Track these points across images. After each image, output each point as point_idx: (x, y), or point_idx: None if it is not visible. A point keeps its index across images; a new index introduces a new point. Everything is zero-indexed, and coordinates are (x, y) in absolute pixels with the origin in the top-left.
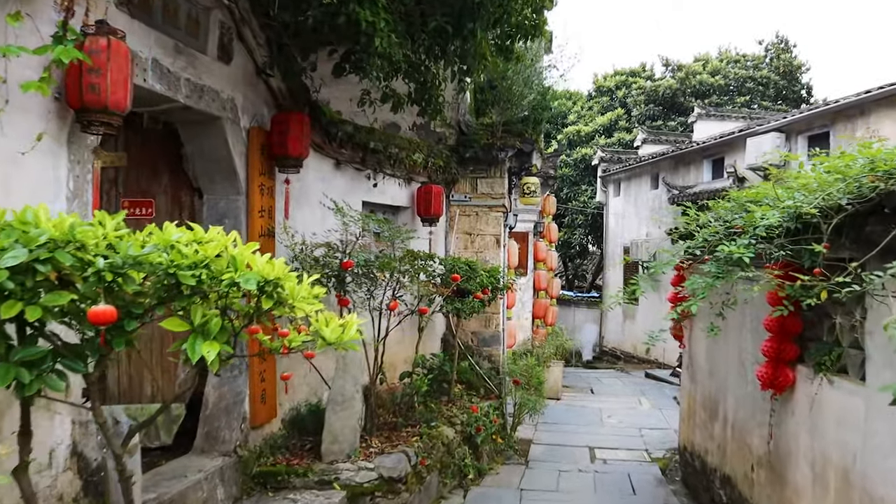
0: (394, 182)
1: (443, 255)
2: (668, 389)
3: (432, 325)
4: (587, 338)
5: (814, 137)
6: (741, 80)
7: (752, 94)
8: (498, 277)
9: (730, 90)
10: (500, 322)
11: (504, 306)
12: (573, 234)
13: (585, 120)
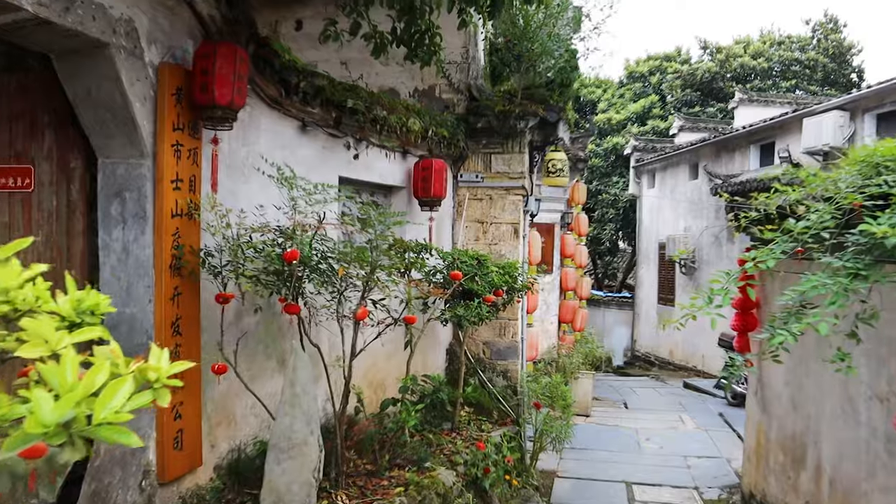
0: (383, 155)
1: (449, 248)
2: (712, 403)
3: (434, 334)
4: (618, 341)
5: (884, 116)
6: (786, 62)
7: (798, 77)
8: (515, 275)
9: (773, 74)
10: (518, 330)
11: (523, 311)
12: (603, 230)
13: (617, 108)
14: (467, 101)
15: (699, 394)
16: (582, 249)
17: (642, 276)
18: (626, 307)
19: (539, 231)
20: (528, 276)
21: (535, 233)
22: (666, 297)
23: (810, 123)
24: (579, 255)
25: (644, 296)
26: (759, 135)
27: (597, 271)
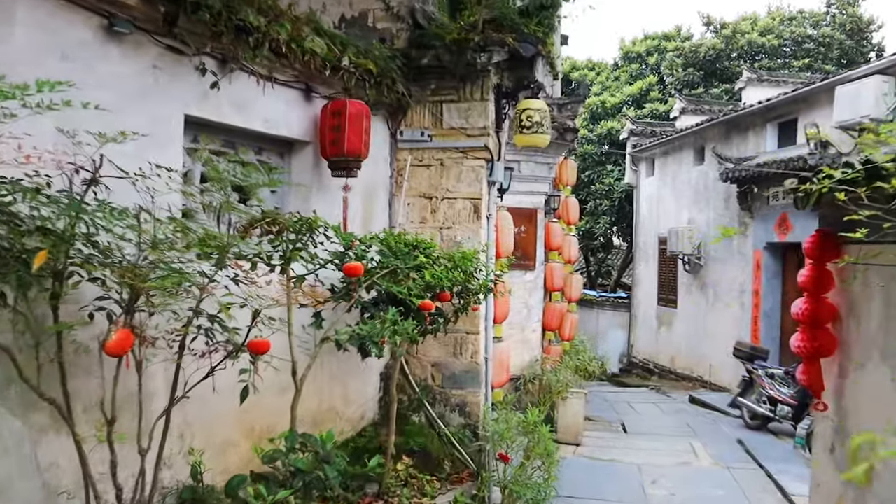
0: (270, 91)
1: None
2: (726, 425)
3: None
4: (613, 346)
5: None
6: (798, 39)
7: (811, 56)
8: (472, 271)
9: (784, 53)
10: (479, 348)
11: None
12: (597, 223)
13: (611, 91)
14: (410, 31)
15: (708, 411)
16: (571, 241)
17: (640, 274)
18: (622, 308)
19: (518, 218)
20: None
21: (505, 214)
22: (667, 297)
23: (845, 93)
24: (568, 248)
25: (642, 296)
26: (777, 111)
27: (589, 269)
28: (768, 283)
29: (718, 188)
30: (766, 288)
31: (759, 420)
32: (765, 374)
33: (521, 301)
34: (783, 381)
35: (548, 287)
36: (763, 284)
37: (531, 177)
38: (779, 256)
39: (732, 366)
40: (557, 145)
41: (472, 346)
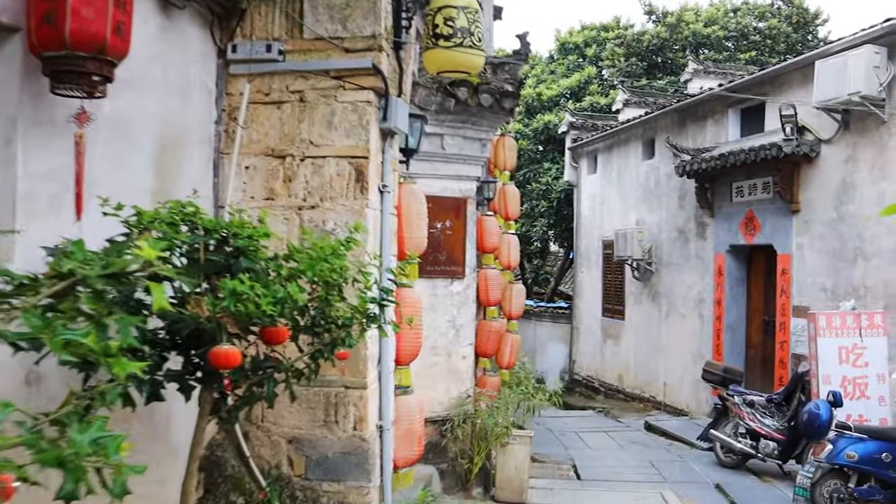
0: None
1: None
2: (696, 462)
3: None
4: (552, 361)
5: None
6: (744, 31)
7: (757, 48)
8: (340, 282)
9: (728, 46)
10: (368, 409)
11: (384, 362)
12: (533, 226)
13: (548, 84)
14: None
15: (670, 441)
16: (510, 241)
17: (582, 281)
18: (562, 320)
19: (441, 210)
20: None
21: (412, 189)
22: (613, 307)
23: (827, 67)
24: (507, 250)
25: (584, 306)
26: (740, 95)
27: (525, 276)
28: (731, 292)
29: (672, 184)
30: (729, 297)
31: (737, 457)
32: (743, 403)
33: (446, 319)
34: (766, 410)
35: (482, 300)
36: (726, 293)
37: (458, 156)
38: (744, 261)
39: (690, 385)
40: (493, 116)
41: (356, 410)
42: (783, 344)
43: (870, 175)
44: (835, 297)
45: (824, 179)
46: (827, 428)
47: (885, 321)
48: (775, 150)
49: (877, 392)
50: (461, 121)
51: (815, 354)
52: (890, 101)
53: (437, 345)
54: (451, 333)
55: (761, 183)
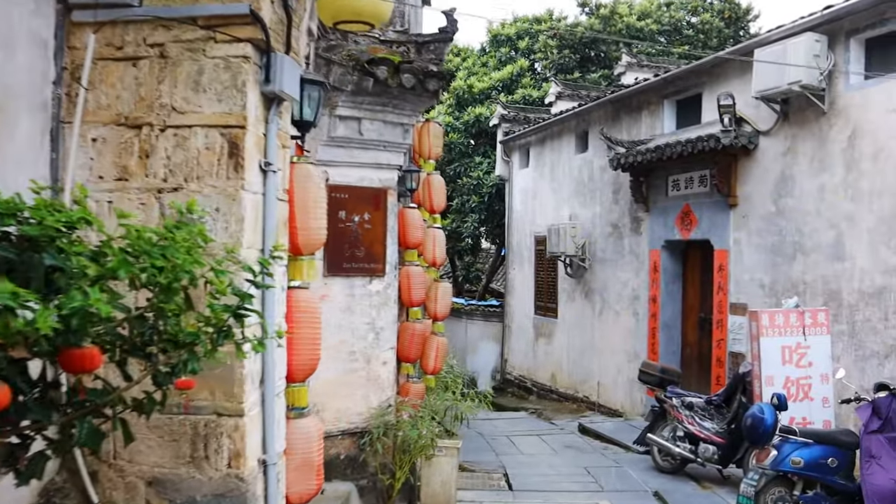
0: None
1: None
2: (633, 467)
3: None
4: (484, 361)
5: (877, 42)
6: (677, 25)
7: (690, 42)
8: (188, 280)
9: (660, 39)
10: (247, 441)
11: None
12: (463, 222)
13: (479, 76)
14: None
15: (605, 445)
16: (436, 235)
17: (514, 279)
18: (494, 318)
19: (358, 202)
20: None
21: (307, 171)
22: (546, 305)
23: (767, 56)
24: (432, 246)
25: (516, 304)
26: (676, 85)
27: (456, 273)
28: (667, 289)
29: (606, 178)
30: (664, 294)
31: (675, 462)
32: (681, 405)
33: (365, 321)
34: (705, 413)
35: (404, 301)
36: (661, 290)
37: (377, 143)
38: (680, 256)
39: (624, 385)
40: (416, 99)
41: (231, 442)
42: (720, 342)
43: (809, 168)
44: (773, 294)
45: (763, 172)
46: (772, 433)
47: (828, 319)
48: (713, 141)
49: (820, 393)
50: (381, 103)
51: (758, 354)
52: (830, 90)
53: (354, 350)
54: (371, 337)
55: (698, 176)
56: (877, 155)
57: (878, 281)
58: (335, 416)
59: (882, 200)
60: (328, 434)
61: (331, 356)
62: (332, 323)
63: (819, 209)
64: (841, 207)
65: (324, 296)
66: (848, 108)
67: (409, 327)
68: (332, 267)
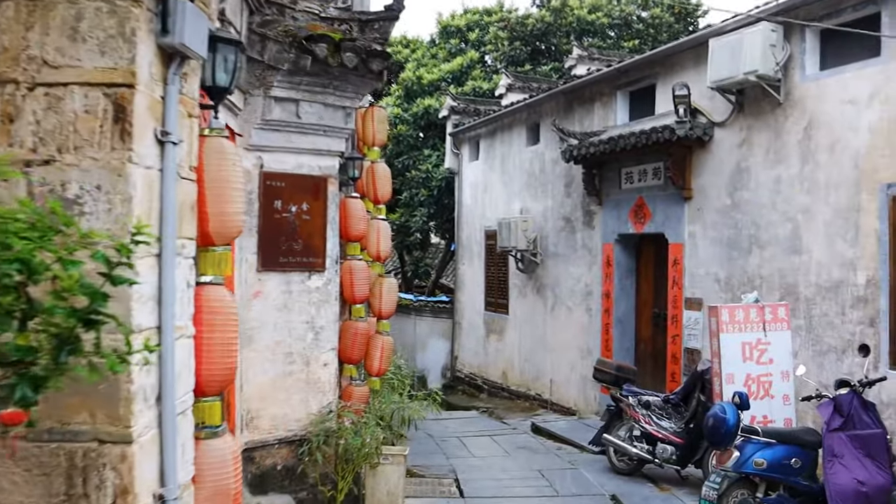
0: None
1: None
2: (589, 470)
3: None
4: (434, 358)
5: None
6: (627, 19)
7: (641, 37)
8: None
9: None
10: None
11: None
12: (412, 216)
13: (428, 68)
14: None
15: (559, 445)
16: (381, 227)
17: (464, 274)
18: (444, 315)
19: (296, 191)
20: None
21: (221, 145)
22: (496, 301)
23: (722, 45)
24: (376, 239)
25: (466, 300)
26: (630, 75)
27: (405, 269)
28: (620, 283)
29: (558, 171)
30: (618, 289)
31: (632, 462)
32: (637, 404)
33: (303, 320)
34: (662, 412)
35: (346, 297)
36: (615, 285)
37: (317, 127)
38: (633, 250)
39: (578, 382)
40: (359, 80)
41: (117, 475)
42: (675, 338)
43: (765, 160)
44: (729, 288)
45: (718, 164)
46: (734, 433)
47: (788, 314)
48: (668, 132)
49: (781, 391)
50: (321, 84)
51: (718, 351)
52: (786, 81)
53: (292, 351)
54: (310, 337)
55: (652, 168)
56: (833, 146)
57: (835, 274)
58: (271, 424)
59: (838, 193)
60: (263, 443)
61: (266, 358)
62: (268, 322)
63: (775, 202)
64: (797, 200)
65: (257, 293)
66: (804, 99)
67: (351, 326)
68: (266, 261)
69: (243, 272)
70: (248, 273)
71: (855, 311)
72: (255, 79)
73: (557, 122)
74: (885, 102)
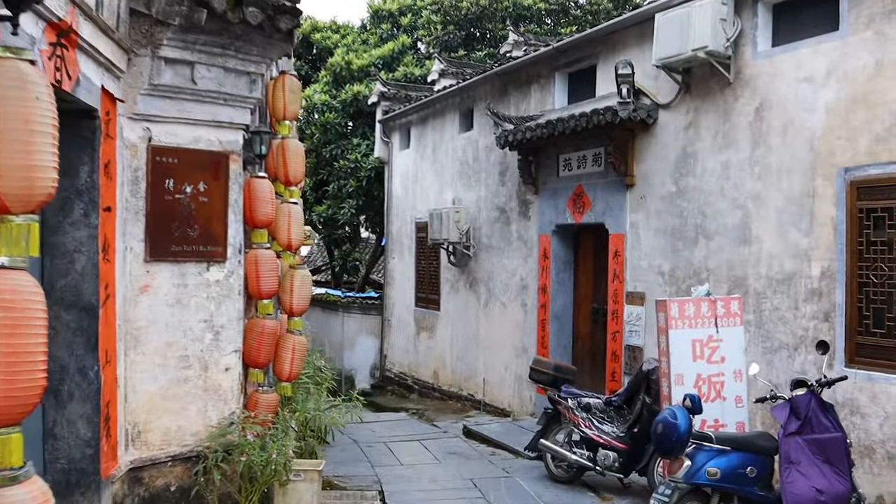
0: None
1: None
2: (524, 477)
3: None
4: (363, 357)
5: (784, 7)
6: (565, 5)
7: (578, 23)
8: None
9: (547, 21)
10: None
11: None
12: (340, 209)
13: (359, 53)
14: None
15: (492, 450)
16: (293, 212)
17: (394, 269)
18: (373, 311)
19: (189, 168)
20: None
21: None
22: (428, 296)
23: (669, 20)
24: (287, 225)
25: (396, 296)
26: (569, 56)
27: (333, 264)
28: (558, 277)
29: (493, 159)
30: (555, 283)
31: (572, 470)
32: (577, 406)
33: (201, 318)
34: (604, 415)
35: (252, 292)
36: (552, 278)
37: (216, 95)
38: (571, 242)
39: (512, 382)
40: (265, 42)
41: None
42: (616, 335)
43: (713, 143)
44: (674, 282)
45: (662, 149)
46: (686, 440)
47: (741, 308)
48: (610, 114)
49: (733, 392)
50: (220, 45)
51: (667, 350)
52: (736, 59)
53: (187, 354)
54: (209, 338)
55: (592, 154)
56: (786, 128)
57: (787, 266)
58: (163, 439)
59: (792, 178)
60: (154, 461)
61: (157, 363)
62: (159, 321)
63: (723, 188)
64: (747, 186)
65: (146, 287)
66: (755, 77)
67: (257, 325)
68: (156, 250)
69: (128, 263)
70: (134, 264)
71: (809, 304)
72: (140, 35)
73: (492, 105)
74: (842, 80)
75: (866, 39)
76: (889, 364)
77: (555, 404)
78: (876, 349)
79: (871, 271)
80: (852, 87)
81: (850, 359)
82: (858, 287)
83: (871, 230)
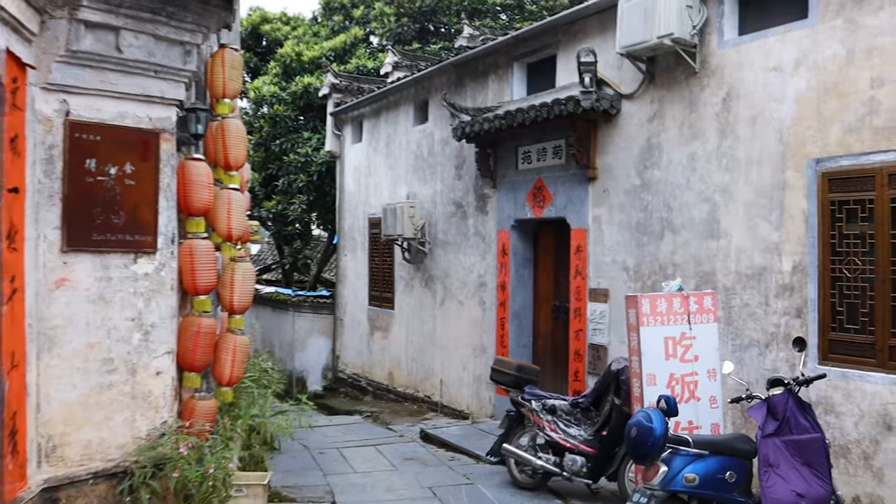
0: None
1: None
2: (486, 484)
3: None
4: (314, 358)
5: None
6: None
7: (534, 17)
8: None
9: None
10: None
11: None
12: (290, 205)
13: (310, 45)
14: None
15: (451, 455)
16: (233, 199)
17: (346, 266)
18: (325, 311)
19: (114, 147)
20: None
21: None
22: (381, 295)
23: (634, 6)
24: (226, 213)
25: (349, 294)
26: (528, 45)
27: (283, 261)
28: (517, 274)
29: (449, 152)
30: (514, 280)
31: (538, 476)
32: (542, 409)
33: (128, 317)
34: (571, 418)
35: (187, 287)
36: (511, 275)
37: (146, 66)
38: (531, 237)
39: (470, 383)
40: (201, 8)
41: None
42: (579, 333)
43: (679, 134)
44: (639, 278)
45: (626, 141)
46: (662, 445)
47: (715, 304)
48: (572, 104)
49: (708, 392)
50: (149, 9)
51: (638, 348)
52: (702, 48)
53: (112, 356)
54: (137, 338)
55: (552, 146)
56: (754, 119)
57: (757, 260)
58: (83, 453)
59: (761, 169)
60: (72, 479)
61: (76, 367)
62: (78, 319)
63: (690, 181)
64: (715, 178)
65: (62, 280)
66: (722, 66)
67: (193, 323)
68: (75, 239)
69: (40, 253)
70: (48, 254)
71: (780, 300)
72: None
73: (448, 96)
74: (812, 69)
75: (836, 27)
76: (863, 361)
77: (518, 406)
78: (850, 345)
79: (843, 265)
80: (823, 77)
81: (824, 356)
82: (831, 282)
83: (844, 223)
